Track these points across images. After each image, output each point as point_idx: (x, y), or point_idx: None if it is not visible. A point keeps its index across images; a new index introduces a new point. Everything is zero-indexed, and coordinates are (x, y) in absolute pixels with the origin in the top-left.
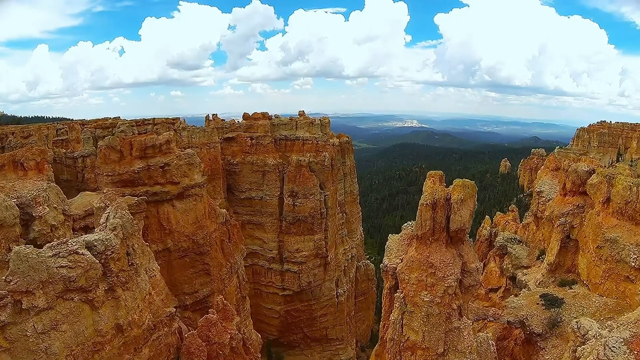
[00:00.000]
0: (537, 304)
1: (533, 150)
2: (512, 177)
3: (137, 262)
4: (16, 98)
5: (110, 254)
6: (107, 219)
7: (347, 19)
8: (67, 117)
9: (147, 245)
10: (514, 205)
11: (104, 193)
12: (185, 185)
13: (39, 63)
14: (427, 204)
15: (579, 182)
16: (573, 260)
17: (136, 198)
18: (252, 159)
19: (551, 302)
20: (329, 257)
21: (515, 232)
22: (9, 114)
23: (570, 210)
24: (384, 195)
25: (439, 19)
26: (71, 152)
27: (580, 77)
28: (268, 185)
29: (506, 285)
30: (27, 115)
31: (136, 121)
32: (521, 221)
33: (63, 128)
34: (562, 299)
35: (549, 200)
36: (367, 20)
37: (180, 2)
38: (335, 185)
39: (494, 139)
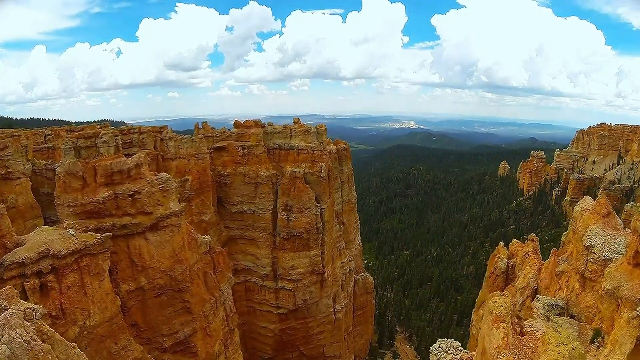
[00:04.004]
0: None
1: (532, 152)
2: (512, 179)
3: None
4: (13, 99)
5: None
6: None
7: (344, 20)
8: (64, 119)
9: (73, 346)
10: (533, 234)
11: (65, 228)
12: (160, 215)
13: (36, 64)
14: None
15: None
16: None
17: (99, 235)
18: (244, 169)
19: None
20: (325, 274)
21: (539, 271)
22: (5, 116)
23: None
24: (382, 198)
25: (436, 20)
26: (52, 164)
27: (577, 78)
28: (261, 198)
29: None
30: (24, 117)
31: (121, 130)
32: (542, 255)
33: (51, 134)
34: None
35: (604, 260)
36: (364, 21)
37: (178, 4)
38: (332, 197)
39: (491, 140)
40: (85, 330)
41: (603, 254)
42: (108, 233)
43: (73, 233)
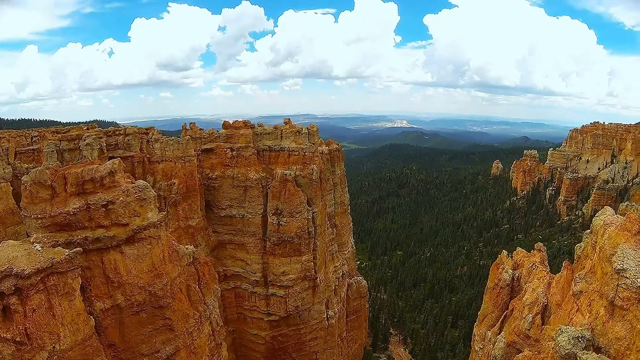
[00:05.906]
0: None
1: (525, 152)
2: (505, 179)
3: None
4: (5, 100)
5: None
6: None
7: (336, 20)
8: (56, 120)
9: None
10: (540, 244)
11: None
12: (137, 226)
13: (28, 64)
14: None
15: None
16: None
17: (67, 251)
18: (233, 172)
19: None
20: (318, 279)
21: (549, 285)
22: None
23: None
24: (374, 198)
25: (428, 19)
26: (35, 167)
27: (569, 77)
28: (250, 202)
29: None
30: (15, 118)
31: (106, 132)
32: (552, 269)
33: (37, 136)
34: None
35: (639, 287)
36: (356, 21)
37: (170, 3)
38: (324, 200)
39: (483, 139)
40: (55, 355)
41: (638, 280)
42: (78, 249)
43: (40, 248)
